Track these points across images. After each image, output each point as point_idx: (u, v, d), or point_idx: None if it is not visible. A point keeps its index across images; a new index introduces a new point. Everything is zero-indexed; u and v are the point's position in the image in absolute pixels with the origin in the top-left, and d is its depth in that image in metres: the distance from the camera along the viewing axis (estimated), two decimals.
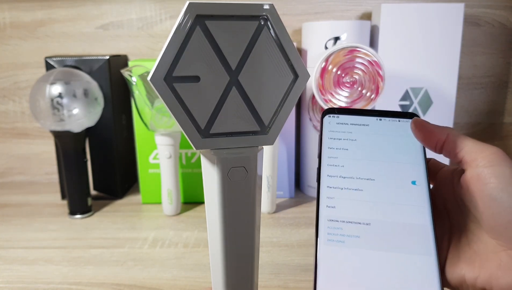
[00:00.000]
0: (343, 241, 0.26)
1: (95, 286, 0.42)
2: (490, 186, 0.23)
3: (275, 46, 0.23)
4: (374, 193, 0.28)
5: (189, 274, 0.44)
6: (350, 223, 0.27)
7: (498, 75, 0.72)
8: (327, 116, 0.31)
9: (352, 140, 0.30)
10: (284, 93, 0.24)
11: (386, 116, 0.31)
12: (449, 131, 0.27)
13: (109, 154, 0.65)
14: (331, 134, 0.30)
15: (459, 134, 0.27)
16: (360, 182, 0.28)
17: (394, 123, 0.31)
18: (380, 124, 0.31)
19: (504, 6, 0.69)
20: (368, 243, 0.26)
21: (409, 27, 0.61)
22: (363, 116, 0.31)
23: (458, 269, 0.25)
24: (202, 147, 0.23)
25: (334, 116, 0.31)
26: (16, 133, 0.75)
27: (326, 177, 0.28)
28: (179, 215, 0.60)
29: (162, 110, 0.55)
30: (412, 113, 0.31)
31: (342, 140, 0.30)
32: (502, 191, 0.23)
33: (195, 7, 0.21)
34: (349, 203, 0.27)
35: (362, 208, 0.27)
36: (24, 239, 0.53)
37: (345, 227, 0.26)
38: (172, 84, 0.22)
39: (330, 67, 0.54)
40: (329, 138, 0.30)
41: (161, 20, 0.70)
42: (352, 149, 0.29)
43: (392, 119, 0.31)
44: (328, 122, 0.31)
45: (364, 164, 0.29)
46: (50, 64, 0.62)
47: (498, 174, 0.23)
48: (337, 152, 0.29)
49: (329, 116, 0.31)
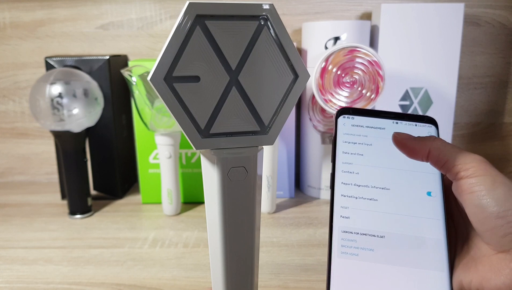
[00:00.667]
0: (356, 253, 0.26)
1: (95, 286, 0.42)
2: (475, 195, 0.24)
3: (275, 46, 0.23)
4: (389, 203, 0.27)
5: (189, 274, 0.44)
6: (364, 236, 0.26)
7: (498, 75, 0.72)
8: (341, 116, 0.30)
9: (367, 144, 0.29)
10: (284, 93, 0.24)
11: (402, 119, 0.30)
12: (430, 145, 0.27)
13: (109, 154, 0.65)
14: (346, 137, 0.29)
15: (440, 146, 0.26)
16: (375, 191, 0.28)
17: (411, 127, 0.30)
18: (396, 127, 0.30)
19: (504, 6, 0.69)
20: (381, 257, 0.26)
21: (409, 27, 0.61)
22: (379, 118, 0.30)
23: (457, 274, 0.26)
24: (202, 147, 0.23)
25: (349, 117, 0.30)
26: (16, 133, 0.75)
27: (340, 185, 0.28)
28: (179, 215, 0.60)
29: (162, 110, 0.55)
30: (429, 117, 0.30)
31: (357, 144, 0.29)
32: (484, 199, 0.24)
33: (195, 7, 0.21)
34: (364, 214, 0.27)
35: (376, 220, 0.27)
36: (24, 239, 0.53)
37: (359, 239, 0.26)
38: (172, 84, 0.22)
39: (330, 67, 0.54)
40: (344, 142, 0.29)
41: (161, 20, 0.70)
42: (367, 155, 0.29)
43: (409, 123, 0.30)
44: (343, 124, 0.30)
45: (379, 172, 0.28)
46: (50, 64, 0.62)
47: (480, 183, 0.24)
48: (352, 157, 0.29)
49: (344, 117, 0.30)
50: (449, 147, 0.26)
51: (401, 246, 0.26)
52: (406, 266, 0.25)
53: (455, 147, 0.26)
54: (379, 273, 0.25)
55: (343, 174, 0.28)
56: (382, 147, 0.29)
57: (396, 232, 0.26)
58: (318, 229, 0.54)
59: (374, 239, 0.26)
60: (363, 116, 0.30)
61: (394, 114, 0.30)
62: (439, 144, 0.27)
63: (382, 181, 0.28)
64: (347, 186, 0.28)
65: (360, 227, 0.26)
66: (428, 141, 0.27)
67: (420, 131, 0.30)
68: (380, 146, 0.29)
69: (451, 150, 0.26)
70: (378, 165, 0.28)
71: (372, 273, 0.25)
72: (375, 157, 0.29)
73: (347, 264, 0.25)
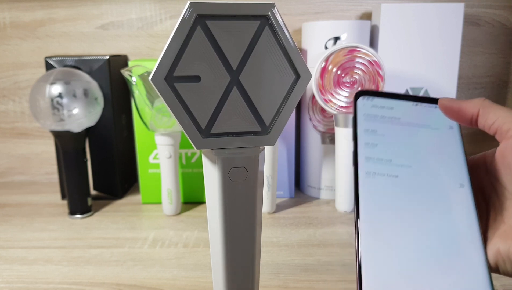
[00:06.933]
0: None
1: (95, 286, 0.42)
2: None
3: (276, 46, 0.23)
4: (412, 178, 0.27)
5: (189, 274, 0.44)
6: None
7: (498, 75, 0.72)
8: (361, 98, 0.29)
9: (390, 123, 0.29)
10: (285, 93, 0.24)
11: (422, 101, 0.30)
12: (481, 104, 0.27)
13: (109, 154, 0.65)
14: (366, 116, 0.29)
15: (491, 106, 0.26)
16: (398, 168, 0.27)
17: (431, 109, 0.29)
18: (416, 109, 0.29)
19: (504, 6, 0.69)
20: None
21: (409, 27, 0.61)
22: (398, 100, 0.29)
23: (492, 245, 0.25)
24: (203, 147, 0.23)
25: (369, 98, 0.29)
26: (16, 133, 0.75)
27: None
28: (179, 215, 0.60)
29: (162, 110, 0.55)
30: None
31: (379, 121, 0.29)
32: None
33: (196, 7, 0.21)
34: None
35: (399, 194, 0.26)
36: (24, 239, 0.53)
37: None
38: (173, 84, 0.22)
39: (330, 67, 0.54)
40: (365, 120, 0.29)
41: (161, 20, 0.70)
42: (388, 136, 0.28)
43: (428, 104, 0.30)
44: (363, 104, 0.29)
45: (401, 149, 0.28)
46: (50, 64, 0.62)
47: None
48: (374, 137, 0.28)
49: (364, 98, 0.29)
50: (499, 106, 0.26)
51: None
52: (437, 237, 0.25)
53: (504, 108, 0.26)
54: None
55: (367, 149, 0.28)
56: (398, 136, 0.29)
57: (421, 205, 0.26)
58: (318, 229, 0.54)
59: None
60: (383, 98, 0.29)
61: (413, 97, 0.30)
62: (488, 103, 0.27)
63: (406, 158, 0.28)
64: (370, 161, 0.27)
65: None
66: (478, 100, 0.27)
67: (439, 115, 0.29)
68: (397, 135, 0.29)
69: (500, 109, 0.26)
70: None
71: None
72: (395, 138, 0.28)
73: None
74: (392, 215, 0.26)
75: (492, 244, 0.25)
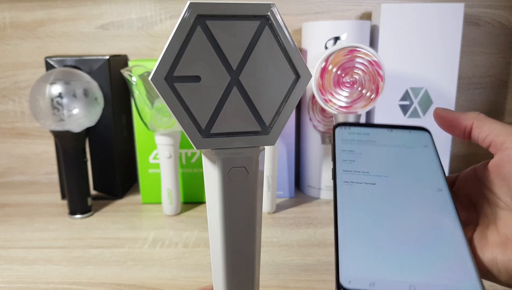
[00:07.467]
0: None
1: (95, 286, 0.42)
2: None
3: (276, 46, 0.23)
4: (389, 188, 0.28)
5: (189, 274, 0.44)
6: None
7: (498, 75, 0.72)
8: (338, 127, 0.31)
9: (366, 146, 0.30)
10: (285, 93, 0.24)
11: (396, 128, 0.31)
12: (475, 117, 0.27)
13: (109, 154, 0.65)
14: (344, 143, 0.30)
15: (485, 119, 0.27)
16: (374, 178, 0.28)
17: (406, 133, 0.31)
18: (391, 134, 0.31)
19: (504, 6, 0.69)
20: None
21: (409, 27, 0.61)
22: (374, 128, 0.31)
23: (489, 252, 0.25)
24: (202, 147, 0.23)
25: (346, 128, 0.31)
26: (16, 133, 0.75)
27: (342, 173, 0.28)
28: (179, 215, 0.60)
29: (162, 110, 0.55)
30: (422, 127, 0.31)
31: (356, 145, 0.30)
32: None
33: (196, 7, 0.21)
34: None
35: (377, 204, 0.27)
36: (24, 239, 0.53)
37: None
38: (173, 83, 0.22)
39: (330, 67, 0.54)
40: (343, 151, 0.30)
41: (161, 20, 0.70)
42: (364, 157, 0.29)
43: (402, 130, 0.31)
44: (341, 132, 0.31)
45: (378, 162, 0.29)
46: (50, 64, 0.62)
47: None
48: (352, 155, 0.29)
49: (341, 128, 0.31)
50: (492, 120, 0.27)
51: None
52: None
53: (498, 122, 0.27)
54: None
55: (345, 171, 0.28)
56: (374, 154, 0.30)
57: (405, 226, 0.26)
58: (318, 229, 0.54)
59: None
60: (359, 127, 0.31)
61: (388, 125, 0.31)
62: (482, 116, 0.27)
63: (382, 170, 0.28)
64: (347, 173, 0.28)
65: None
66: (473, 114, 0.27)
67: (414, 137, 0.31)
68: (373, 153, 0.30)
69: (494, 122, 0.26)
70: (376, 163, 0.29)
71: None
72: (371, 160, 0.29)
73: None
74: (371, 216, 0.26)
75: (488, 252, 0.25)
